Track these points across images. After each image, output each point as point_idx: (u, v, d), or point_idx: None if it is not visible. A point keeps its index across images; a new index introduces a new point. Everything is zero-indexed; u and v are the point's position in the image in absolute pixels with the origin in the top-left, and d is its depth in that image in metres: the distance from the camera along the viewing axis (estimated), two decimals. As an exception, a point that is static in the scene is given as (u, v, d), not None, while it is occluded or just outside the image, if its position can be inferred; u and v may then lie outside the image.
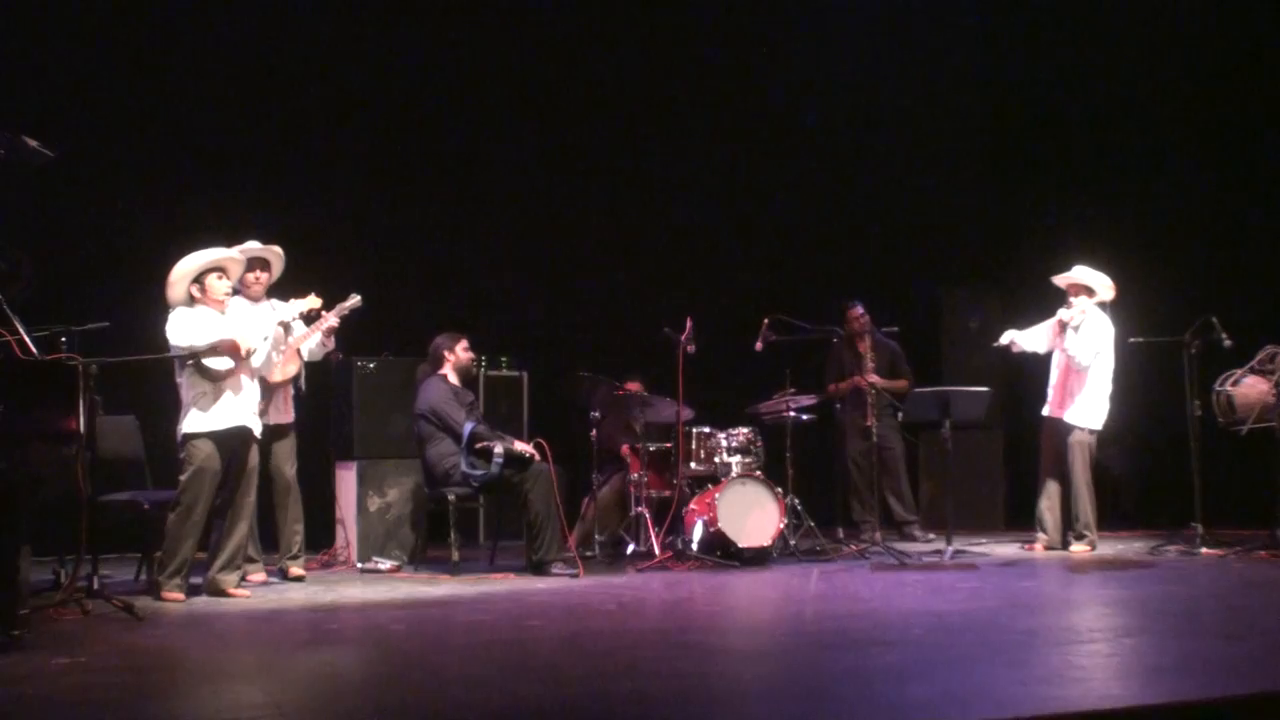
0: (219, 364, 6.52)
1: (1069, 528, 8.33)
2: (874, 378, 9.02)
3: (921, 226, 11.03)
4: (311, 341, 7.45)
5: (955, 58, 10.75)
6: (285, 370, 7.37)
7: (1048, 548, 8.33)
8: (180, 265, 6.58)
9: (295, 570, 7.40)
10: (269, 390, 7.25)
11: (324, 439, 8.44)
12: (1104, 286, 8.32)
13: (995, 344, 8.52)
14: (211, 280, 6.62)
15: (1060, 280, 8.43)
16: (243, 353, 6.55)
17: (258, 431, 6.75)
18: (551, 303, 10.40)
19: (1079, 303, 8.27)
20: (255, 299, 7.24)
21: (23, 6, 8.60)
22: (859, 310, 9.22)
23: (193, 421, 6.51)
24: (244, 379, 6.64)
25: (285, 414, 7.44)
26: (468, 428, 7.59)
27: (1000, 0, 10.67)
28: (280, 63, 9.29)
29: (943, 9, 10.68)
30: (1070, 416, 8.28)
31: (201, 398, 6.51)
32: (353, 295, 7.46)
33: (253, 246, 7.21)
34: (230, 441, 6.59)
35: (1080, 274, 8.37)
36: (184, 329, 6.48)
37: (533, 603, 6.40)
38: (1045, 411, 8.42)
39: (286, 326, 7.20)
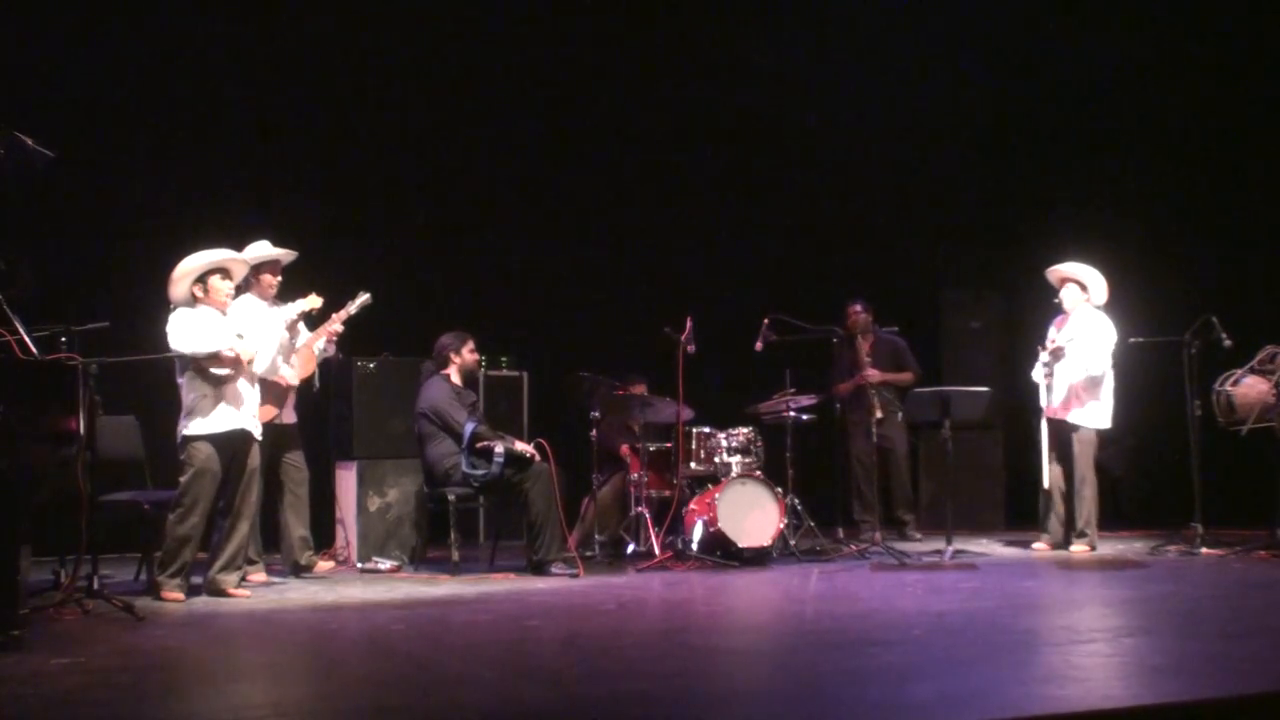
0: (219, 366, 6.51)
1: (1070, 527, 8.34)
2: (874, 373, 9.04)
3: (922, 227, 11.03)
4: (319, 342, 7.47)
5: (956, 58, 10.74)
6: (304, 370, 7.40)
7: (1054, 547, 8.34)
8: (184, 263, 6.57)
9: (324, 564, 7.46)
10: (283, 391, 7.27)
11: (324, 439, 8.44)
12: (1098, 287, 8.31)
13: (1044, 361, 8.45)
14: (215, 281, 6.61)
15: (1052, 274, 8.43)
16: (244, 362, 6.55)
17: (257, 434, 6.75)
18: (551, 303, 10.39)
19: (1067, 294, 8.28)
20: (270, 300, 7.27)
21: (23, 6, 8.59)
22: (857, 308, 9.25)
23: (193, 424, 6.51)
24: (244, 382, 6.64)
25: (291, 415, 7.47)
26: (468, 428, 7.59)
27: (1001, 1, 10.66)
28: (282, 63, 9.28)
29: (943, 10, 10.67)
30: (1075, 417, 8.28)
31: (202, 400, 6.51)
32: (362, 293, 7.48)
33: (264, 247, 7.22)
34: (230, 444, 6.59)
35: (1072, 268, 8.37)
36: (184, 332, 6.47)
37: (533, 603, 6.40)
38: (1047, 413, 8.41)
39: (291, 328, 7.22)
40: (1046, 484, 8.45)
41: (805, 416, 8.53)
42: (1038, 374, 8.42)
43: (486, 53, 10.12)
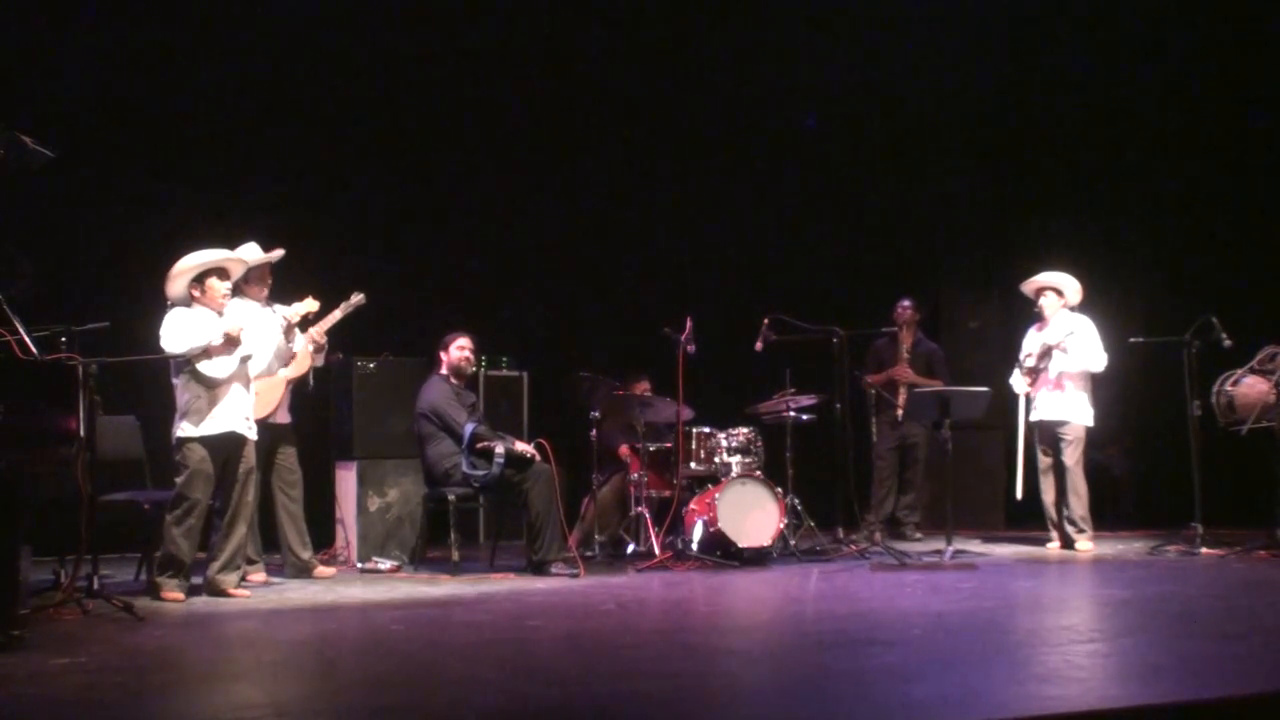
0: (215, 371, 6.51)
1: (1069, 524, 8.35)
2: (907, 371, 9.08)
3: (921, 228, 11.02)
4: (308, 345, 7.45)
5: (955, 60, 10.74)
6: (298, 369, 7.39)
7: (1065, 546, 8.36)
8: (183, 261, 6.58)
9: (324, 571, 7.46)
10: (275, 389, 7.27)
11: (324, 439, 8.44)
12: (1072, 290, 8.39)
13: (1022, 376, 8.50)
14: (213, 282, 6.61)
15: (1028, 286, 8.49)
16: (236, 337, 6.52)
17: (252, 436, 6.74)
18: (551, 303, 10.39)
19: (1046, 302, 8.39)
20: (262, 301, 7.27)
21: (23, 6, 8.59)
22: (906, 304, 9.33)
23: (186, 426, 6.51)
24: (238, 385, 6.64)
25: (286, 414, 7.46)
26: (468, 428, 7.59)
27: (999, 3, 10.67)
28: (282, 63, 9.28)
29: (942, 12, 10.68)
30: (1063, 415, 8.31)
31: (195, 401, 6.50)
32: (355, 294, 7.48)
33: (253, 250, 7.21)
34: (224, 446, 6.58)
35: (1045, 277, 8.45)
36: (178, 333, 6.47)
37: (533, 603, 6.40)
38: (1035, 416, 8.44)
39: (288, 332, 7.22)
40: (1020, 494, 8.49)
41: (805, 416, 8.53)
42: (1019, 383, 8.47)
43: (487, 53, 10.12)
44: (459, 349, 7.88)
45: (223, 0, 9.29)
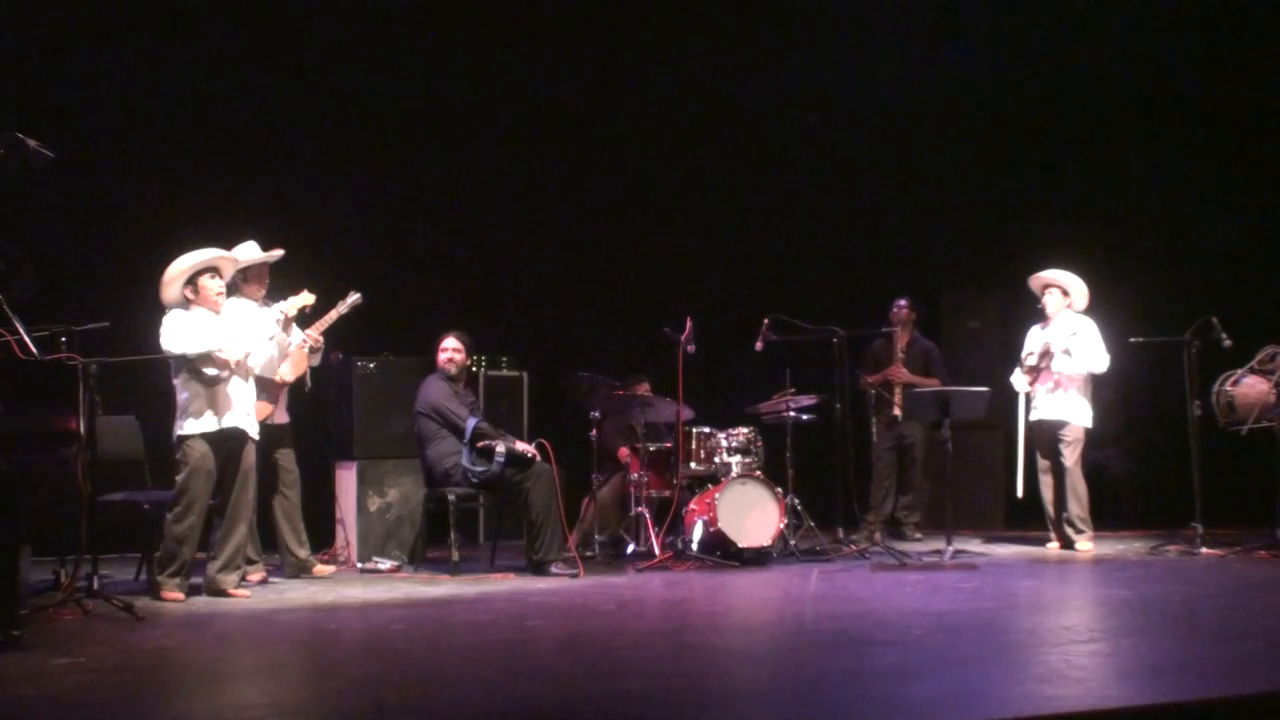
0: (214, 368, 6.51)
1: (1068, 524, 8.36)
2: (902, 371, 9.08)
3: (921, 228, 11.03)
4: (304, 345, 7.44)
5: (955, 60, 10.74)
6: (296, 370, 7.38)
7: (1064, 547, 8.36)
8: (173, 267, 6.57)
9: (323, 569, 7.47)
10: (274, 390, 7.26)
11: (324, 439, 8.43)
12: (1079, 292, 8.39)
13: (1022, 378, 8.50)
14: (205, 281, 6.60)
15: (1035, 281, 8.48)
16: (232, 365, 6.55)
17: (253, 433, 6.74)
18: (551, 303, 10.39)
19: (1050, 300, 8.36)
20: (260, 301, 7.27)
21: (23, 6, 8.59)
22: (902, 303, 9.31)
23: (187, 423, 6.51)
24: (238, 381, 6.63)
25: (284, 415, 7.46)
26: (471, 422, 7.59)
27: (999, 3, 10.67)
28: (281, 62, 9.28)
29: (942, 13, 10.68)
30: (1063, 415, 8.32)
31: (195, 399, 6.50)
32: (352, 293, 7.47)
33: (252, 249, 7.21)
34: (224, 443, 6.58)
35: (1053, 274, 8.44)
36: (177, 334, 6.47)
37: (533, 603, 6.40)
38: (1035, 416, 8.44)
39: (286, 326, 7.21)
40: (1021, 492, 8.49)
41: (805, 416, 8.53)
42: (1019, 381, 8.46)
43: (486, 52, 10.11)
44: (441, 351, 7.88)
45: (222, 0, 9.29)
